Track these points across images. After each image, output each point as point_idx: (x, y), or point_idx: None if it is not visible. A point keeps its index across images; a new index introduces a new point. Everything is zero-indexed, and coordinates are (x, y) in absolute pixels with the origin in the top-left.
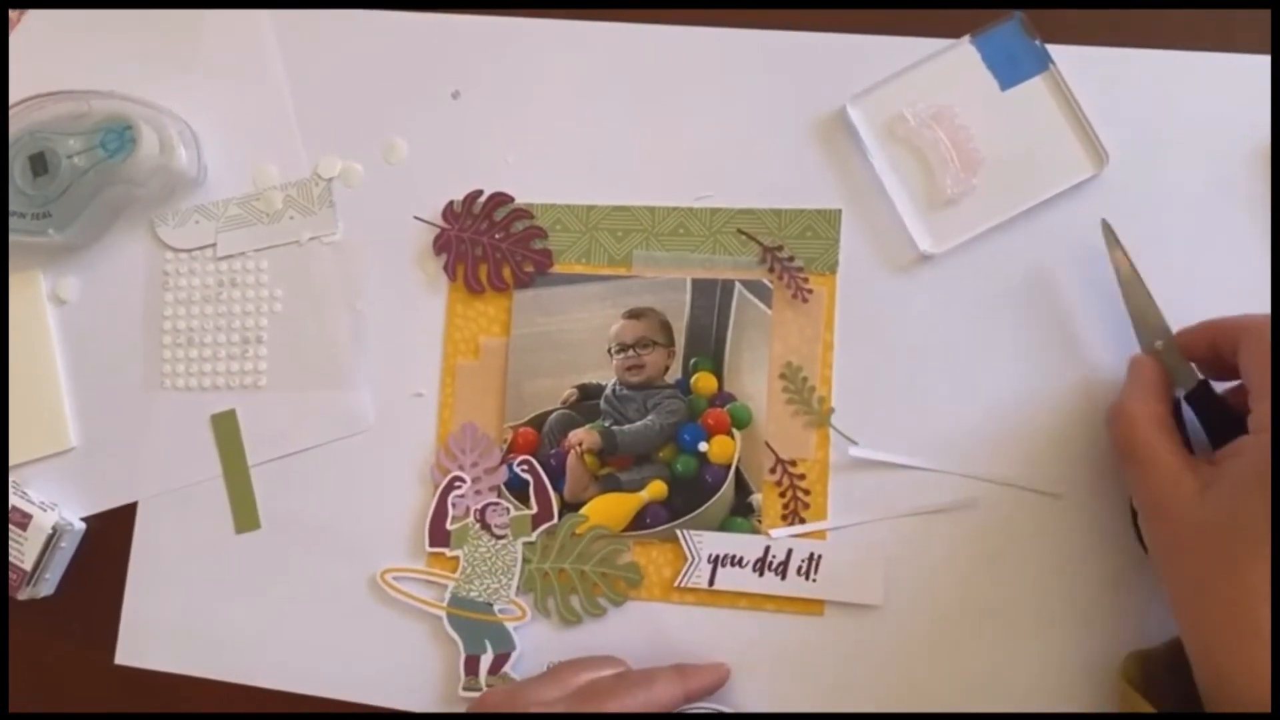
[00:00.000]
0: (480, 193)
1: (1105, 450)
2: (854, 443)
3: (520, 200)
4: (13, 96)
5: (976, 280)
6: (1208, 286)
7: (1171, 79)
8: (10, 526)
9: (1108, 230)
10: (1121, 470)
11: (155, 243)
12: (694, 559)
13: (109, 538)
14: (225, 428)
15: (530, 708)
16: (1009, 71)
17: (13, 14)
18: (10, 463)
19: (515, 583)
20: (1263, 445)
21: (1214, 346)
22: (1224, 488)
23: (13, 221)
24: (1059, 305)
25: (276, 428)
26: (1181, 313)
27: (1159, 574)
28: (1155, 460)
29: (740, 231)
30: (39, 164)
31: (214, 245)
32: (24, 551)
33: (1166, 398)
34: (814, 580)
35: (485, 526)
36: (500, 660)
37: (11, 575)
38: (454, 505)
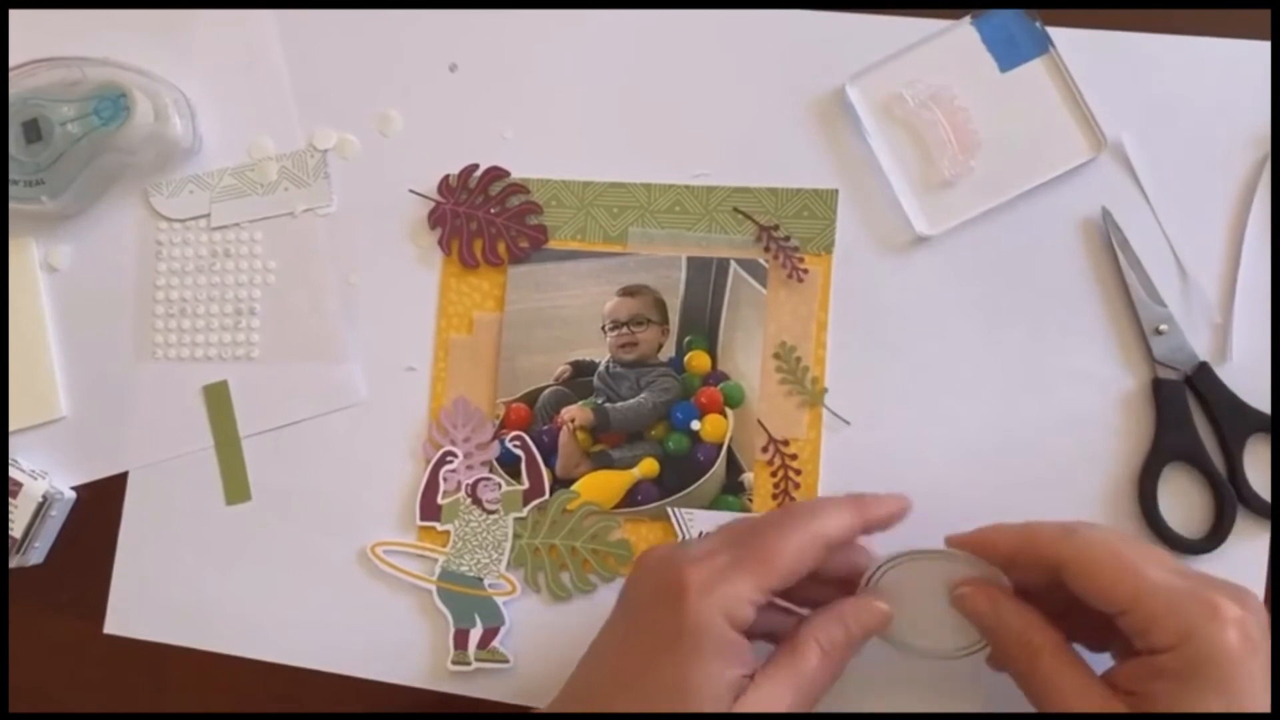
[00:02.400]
0: (476, 167)
1: (1096, 432)
2: (847, 423)
3: (516, 175)
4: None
5: (972, 262)
6: (1205, 271)
7: (1171, 63)
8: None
9: (1108, 217)
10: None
11: (149, 212)
12: (684, 537)
13: (99, 507)
14: (217, 399)
15: (691, 562)
16: (1009, 53)
17: None
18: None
19: (506, 558)
20: (1189, 658)
21: (1023, 556)
22: (1167, 709)
23: None
24: (1054, 289)
25: (268, 399)
26: (1179, 297)
27: None
28: (1072, 694)
29: (736, 210)
30: (32, 131)
31: (208, 215)
32: (14, 520)
33: (1050, 614)
34: None
35: (476, 501)
36: (489, 634)
37: None
38: (445, 480)
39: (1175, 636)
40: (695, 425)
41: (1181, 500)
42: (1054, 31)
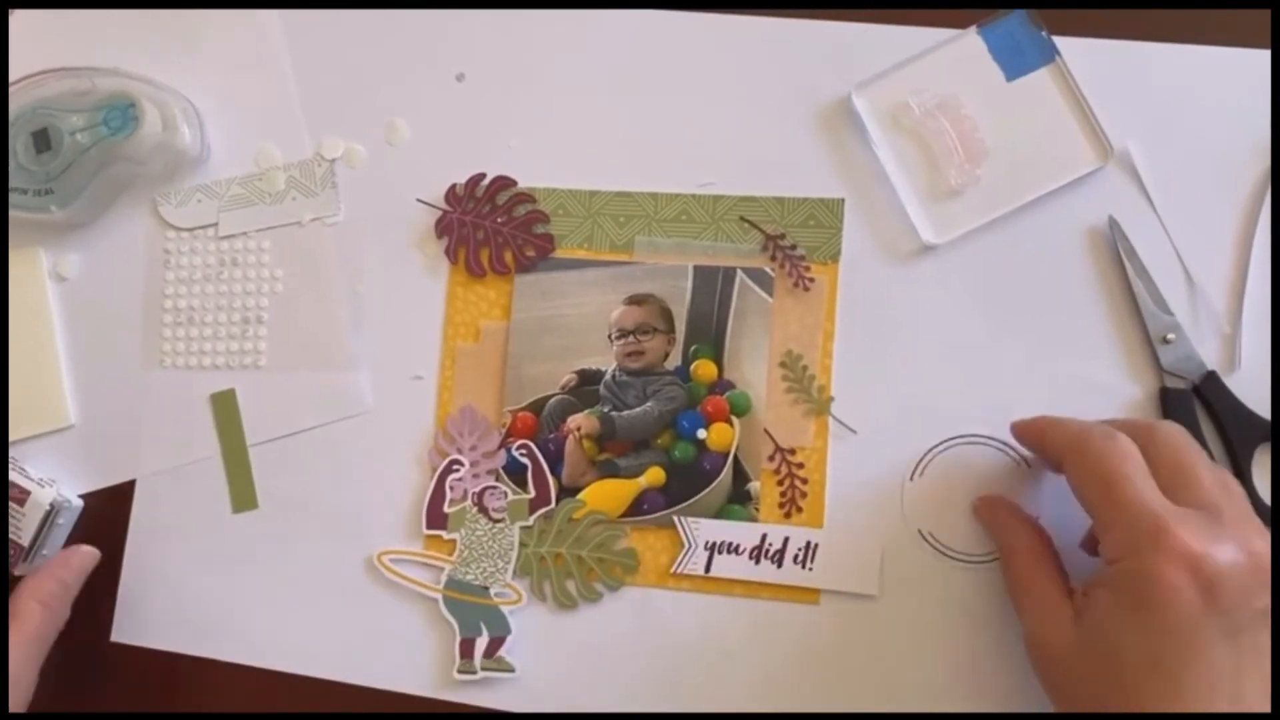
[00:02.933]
0: (483, 176)
1: None
2: (853, 431)
3: (523, 184)
4: (16, 72)
5: (978, 272)
6: (1213, 280)
7: (1177, 72)
8: (8, 502)
9: (1115, 226)
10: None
11: (157, 221)
12: (690, 546)
13: (106, 515)
14: (224, 407)
15: None
16: (1015, 62)
17: None
18: (9, 439)
19: (512, 566)
20: (1123, 573)
21: (1041, 448)
22: (1095, 615)
23: (15, 197)
24: (1061, 298)
25: (276, 408)
26: (1187, 306)
27: (1053, 703)
28: (1032, 592)
29: (743, 219)
30: (42, 140)
31: (216, 224)
32: (21, 527)
33: (1040, 530)
34: (810, 569)
35: (483, 510)
36: (496, 643)
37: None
38: (452, 488)
39: (1119, 550)
40: (701, 434)
41: None
42: (1060, 40)
